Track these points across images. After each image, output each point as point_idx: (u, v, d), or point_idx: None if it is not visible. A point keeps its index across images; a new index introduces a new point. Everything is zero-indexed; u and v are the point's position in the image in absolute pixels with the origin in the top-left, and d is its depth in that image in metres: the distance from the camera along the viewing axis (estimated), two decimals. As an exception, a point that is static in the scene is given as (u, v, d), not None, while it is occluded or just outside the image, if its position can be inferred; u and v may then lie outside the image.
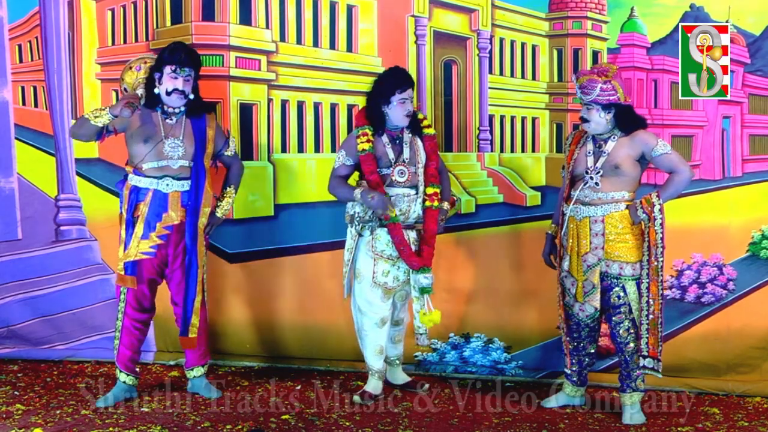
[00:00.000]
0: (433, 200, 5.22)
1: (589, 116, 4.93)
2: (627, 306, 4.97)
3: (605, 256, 4.95)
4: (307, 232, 5.90)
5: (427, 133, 5.32)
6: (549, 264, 5.25)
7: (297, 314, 5.95)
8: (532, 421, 5.03)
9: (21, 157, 6.17)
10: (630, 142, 4.95)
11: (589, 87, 4.87)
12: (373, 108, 5.20)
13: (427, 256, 5.20)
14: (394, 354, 5.55)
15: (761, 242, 5.49)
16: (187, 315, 5.28)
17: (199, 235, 5.24)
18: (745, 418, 5.12)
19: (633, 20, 5.53)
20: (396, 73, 5.22)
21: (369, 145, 5.17)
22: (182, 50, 5.18)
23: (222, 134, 5.43)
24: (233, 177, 5.52)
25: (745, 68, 5.47)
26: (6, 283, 6.18)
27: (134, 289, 5.26)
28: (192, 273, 5.25)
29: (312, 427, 4.91)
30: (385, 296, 5.28)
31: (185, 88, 5.14)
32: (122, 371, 5.36)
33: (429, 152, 5.29)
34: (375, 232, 5.21)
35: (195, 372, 5.47)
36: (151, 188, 5.18)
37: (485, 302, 5.79)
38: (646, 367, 4.98)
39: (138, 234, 5.19)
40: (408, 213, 5.22)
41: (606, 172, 4.94)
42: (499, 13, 5.74)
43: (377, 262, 5.23)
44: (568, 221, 5.02)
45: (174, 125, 5.22)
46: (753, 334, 5.48)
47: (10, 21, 6.14)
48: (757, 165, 5.52)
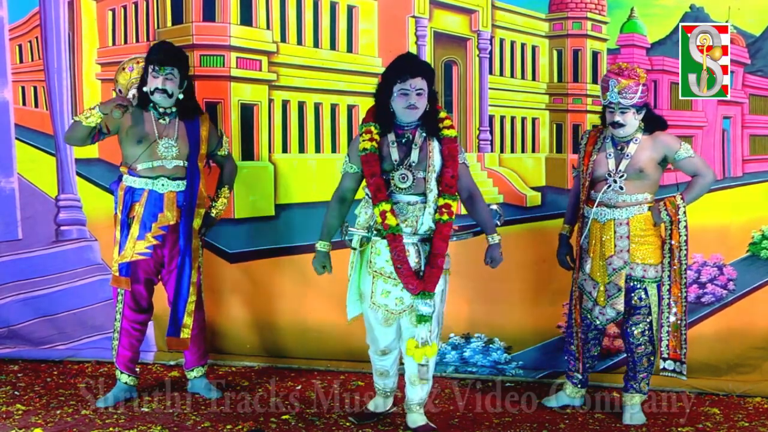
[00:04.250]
0: (443, 213, 4.55)
1: (625, 120, 4.83)
2: (647, 308, 4.93)
3: (630, 258, 4.90)
4: (307, 232, 5.88)
5: (445, 135, 4.63)
6: (564, 265, 5.18)
7: (297, 314, 5.95)
8: (532, 421, 5.03)
9: (21, 157, 6.17)
10: (653, 145, 4.90)
11: (630, 91, 4.77)
12: (379, 103, 4.63)
13: (429, 280, 4.53)
14: (411, 398, 4.80)
15: (761, 242, 5.49)
16: (178, 315, 5.26)
17: (194, 236, 5.24)
18: (746, 418, 5.12)
19: (633, 21, 5.53)
20: (399, 60, 4.61)
21: (371, 144, 4.58)
22: (161, 49, 5.17)
23: (216, 134, 5.41)
24: (227, 177, 5.50)
25: (745, 68, 5.48)
26: (6, 283, 6.18)
27: (133, 289, 5.25)
28: (184, 274, 5.23)
29: (312, 427, 4.91)
30: (386, 321, 4.67)
31: (166, 86, 5.09)
32: (122, 372, 5.36)
33: (445, 157, 4.60)
34: (374, 246, 4.62)
35: (195, 372, 5.47)
36: (146, 189, 5.17)
37: (485, 302, 5.79)
38: (666, 369, 4.96)
39: (134, 235, 5.17)
40: (416, 225, 4.59)
41: (629, 176, 4.88)
42: (499, 13, 5.75)
43: (376, 281, 4.63)
44: (590, 224, 4.97)
45: (167, 125, 5.21)
46: (753, 334, 5.48)
47: (10, 21, 6.14)
48: (758, 165, 5.52)
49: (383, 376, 4.97)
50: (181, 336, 5.27)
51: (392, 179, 4.58)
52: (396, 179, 4.58)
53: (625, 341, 5.05)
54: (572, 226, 5.15)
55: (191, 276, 5.24)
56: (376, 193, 4.55)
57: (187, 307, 5.25)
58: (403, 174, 4.57)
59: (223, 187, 5.48)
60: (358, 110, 5.79)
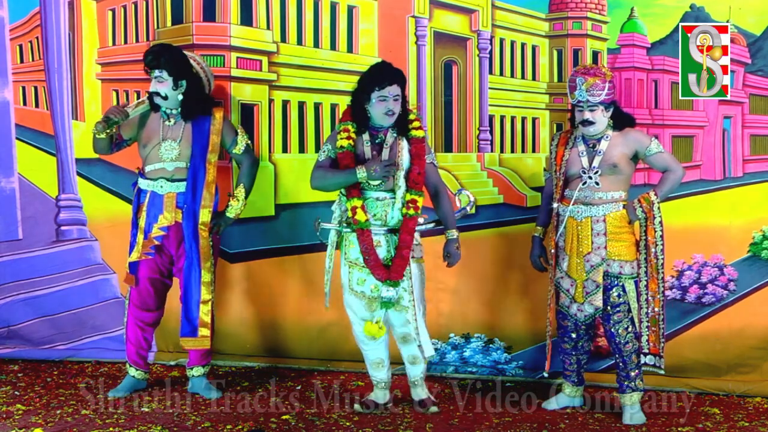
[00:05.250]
0: (410, 208, 4.89)
1: (594, 118, 4.92)
2: (626, 305, 4.98)
3: (607, 255, 4.95)
4: (307, 232, 5.85)
5: (413, 135, 4.98)
6: (538, 267, 5.26)
7: (297, 314, 5.95)
8: (532, 422, 5.03)
9: (22, 157, 6.18)
10: (623, 140, 4.97)
11: (597, 88, 4.86)
12: (355, 105, 4.98)
13: (395, 269, 4.86)
14: (411, 375, 5.19)
15: (762, 243, 5.48)
16: (191, 315, 5.30)
17: (201, 236, 5.25)
18: (746, 418, 5.11)
19: (633, 20, 5.52)
20: (378, 68, 4.98)
21: (348, 143, 4.93)
22: (150, 53, 5.24)
23: (231, 131, 5.43)
24: (243, 175, 5.50)
25: (746, 68, 5.47)
26: (7, 283, 6.19)
27: (138, 288, 5.35)
28: (193, 274, 5.27)
29: (312, 427, 4.91)
30: (368, 306, 4.98)
31: (158, 89, 5.19)
32: (130, 365, 5.48)
33: (413, 156, 4.95)
34: (348, 239, 4.95)
35: (195, 371, 5.47)
36: (149, 190, 5.27)
37: (485, 303, 5.79)
38: (647, 364, 4.99)
39: (140, 235, 5.29)
40: (385, 218, 4.93)
41: (604, 171, 4.94)
42: (499, 13, 5.74)
43: (352, 270, 4.97)
44: (567, 222, 5.03)
45: (173, 127, 5.29)
46: (753, 334, 5.47)
47: (10, 21, 6.15)
48: (758, 165, 5.51)
49: (378, 366, 5.14)
50: (199, 335, 5.31)
51: None
52: None
53: (611, 342, 5.06)
54: (545, 228, 5.22)
55: (201, 276, 5.27)
56: (350, 188, 4.90)
57: (201, 307, 5.28)
58: None
59: (238, 186, 5.47)
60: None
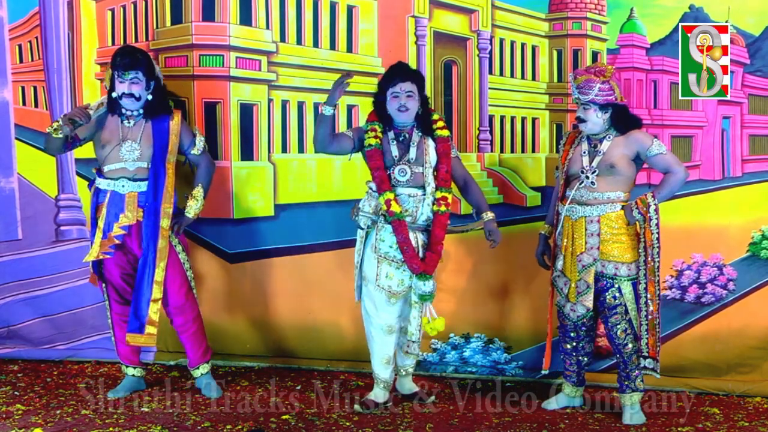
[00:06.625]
0: (441, 204, 5.05)
1: (586, 116, 4.94)
2: (623, 307, 4.98)
3: (600, 256, 4.95)
4: (307, 232, 5.90)
5: (439, 135, 5.15)
6: (541, 264, 5.26)
7: (297, 314, 5.95)
8: (532, 422, 5.03)
9: (21, 157, 6.17)
10: (625, 142, 4.97)
11: (587, 87, 4.89)
12: (377, 106, 5.16)
13: (429, 263, 5.04)
14: (403, 364, 5.41)
15: (761, 242, 5.49)
16: (140, 313, 5.28)
17: (161, 235, 5.26)
18: (746, 418, 5.12)
19: (632, 21, 5.53)
20: (391, 67, 5.16)
21: (376, 141, 5.08)
22: (122, 54, 5.25)
23: (189, 133, 5.45)
24: (200, 176, 5.50)
25: (745, 68, 5.48)
26: (6, 283, 6.19)
27: (114, 286, 5.38)
28: (147, 272, 5.27)
29: (312, 427, 4.91)
30: (389, 301, 5.11)
31: (133, 90, 5.21)
32: (126, 365, 5.46)
33: (440, 154, 5.12)
34: (379, 233, 5.08)
35: (201, 370, 5.50)
36: (109, 189, 5.29)
37: (485, 302, 5.79)
38: (646, 367, 4.99)
39: (99, 235, 5.29)
40: (416, 214, 5.06)
41: (602, 172, 4.95)
42: (499, 13, 5.74)
43: (381, 265, 5.08)
44: (563, 221, 5.04)
45: (132, 128, 5.31)
46: (753, 334, 5.48)
47: (10, 21, 6.14)
48: (757, 165, 5.52)
49: (388, 363, 5.21)
50: (146, 332, 5.29)
51: (392, 173, 5.08)
52: (396, 173, 5.09)
53: (612, 344, 5.08)
54: (552, 226, 5.22)
55: (155, 274, 5.26)
56: (380, 184, 5.05)
57: (151, 305, 5.27)
58: (401, 168, 5.09)
59: (197, 187, 5.47)
60: (358, 110, 5.79)
